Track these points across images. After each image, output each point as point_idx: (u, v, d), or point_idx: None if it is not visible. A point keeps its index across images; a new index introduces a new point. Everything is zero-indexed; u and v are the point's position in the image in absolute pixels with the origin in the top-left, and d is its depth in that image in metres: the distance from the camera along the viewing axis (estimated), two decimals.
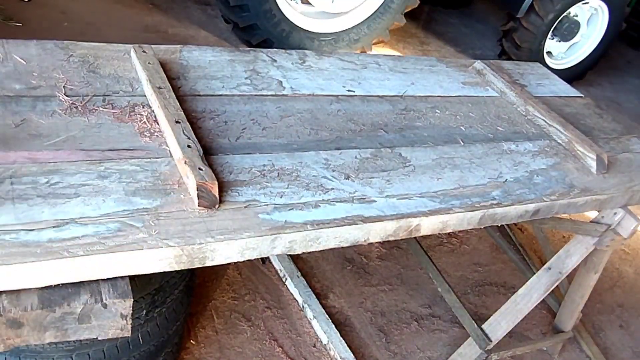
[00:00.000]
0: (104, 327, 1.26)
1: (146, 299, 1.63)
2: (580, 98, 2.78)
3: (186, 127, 1.56)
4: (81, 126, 1.51)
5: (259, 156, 1.63)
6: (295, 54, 2.22)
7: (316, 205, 1.52)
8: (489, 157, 2.02)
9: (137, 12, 4.36)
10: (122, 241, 1.23)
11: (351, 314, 2.68)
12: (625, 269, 3.64)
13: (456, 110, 2.24)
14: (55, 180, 1.33)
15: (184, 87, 1.81)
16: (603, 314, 3.23)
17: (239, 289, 2.59)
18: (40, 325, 1.19)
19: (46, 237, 1.18)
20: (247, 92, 1.90)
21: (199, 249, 1.30)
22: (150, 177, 1.42)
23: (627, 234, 2.31)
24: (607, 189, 2.10)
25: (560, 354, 2.86)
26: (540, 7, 4.97)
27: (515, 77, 2.67)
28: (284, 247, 1.43)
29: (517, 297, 2.38)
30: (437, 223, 1.67)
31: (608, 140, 2.45)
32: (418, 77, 2.38)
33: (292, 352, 2.42)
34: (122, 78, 1.74)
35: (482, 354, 2.37)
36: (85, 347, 1.58)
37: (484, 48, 5.96)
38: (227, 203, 1.43)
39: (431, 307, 2.85)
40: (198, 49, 2.02)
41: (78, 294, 1.22)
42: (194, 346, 2.28)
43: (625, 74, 6.66)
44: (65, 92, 1.60)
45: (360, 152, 1.80)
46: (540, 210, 1.90)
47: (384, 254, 3.07)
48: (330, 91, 2.07)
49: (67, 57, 1.73)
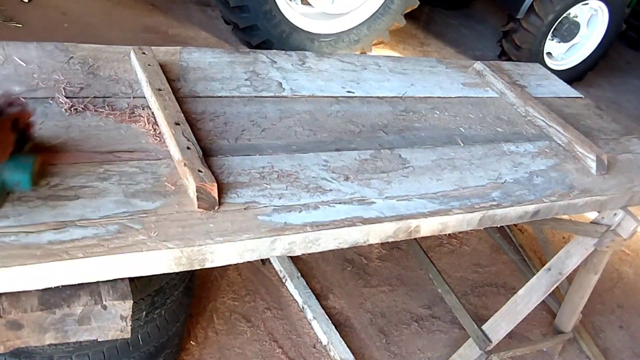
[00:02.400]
0: (104, 328, 1.26)
1: (146, 300, 1.63)
2: (580, 99, 2.78)
3: (186, 129, 1.56)
4: (81, 128, 1.51)
5: (259, 158, 1.63)
6: (295, 56, 2.22)
7: (316, 207, 1.52)
8: (488, 158, 2.02)
9: (137, 13, 4.36)
10: (122, 243, 1.23)
11: (351, 315, 2.68)
12: (625, 269, 3.63)
13: (456, 111, 2.24)
14: (55, 182, 1.33)
15: (184, 88, 1.81)
16: (603, 314, 3.22)
17: (239, 290, 2.59)
18: (40, 326, 1.20)
19: (46, 239, 1.19)
20: (246, 93, 1.90)
21: (198, 251, 1.30)
22: (149, 179, 1.43)
23: (627, 234, 2.31)
24: (607, 190, 2.10)
25: (560, 355, 2.85)
26: (540, 8, 4.97)
27: (515, 78, 2.67)
28: (283, 249, 1.43)
29: (517, 298, 2.38)
30: (437, 224, 1.67)
31: (608, 141, 2.45)
32: (418, 78, 2.38)
33: (292, 353, 2.42)
34: (122, 80, 1.74)
35: (482, 355, 2.37)
36: (85, 349, 1.58)
37: (484, 49, 5.96)
38: (226, 205, 1.43)
39: (431, 308, 2.85)
40: (198, 50, 2.03)
41: (78, 296, 1.22)
42: (194, 347, 2.28)
43: (625, 74, 6.66)
44: (65, 93, 1.60)
45: (359, 153, 1.80)
46: (540, 211, 1.90)
47: (384, 255, 3.07)
48: (330, 92, 2.07)
49: (67, 59, 1.73)
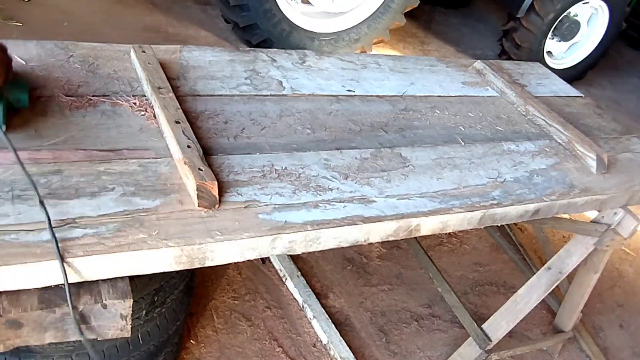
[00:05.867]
0: (104, 327, 1.26)
1: (146, 299, 1.63)
2: (580, 98, 2.78)
3: (186, 128, 1.56)
4: (81, 126, 1.51)
5: (259, 156, 1.63)
6: (295, 54, 2.22)
7: (316, 206, 1.52)
8: (489, 157, 2.01)
9: (137, 11, 4.36)
10: (122, 242, 1.23)
11: (351, 314, 2.68)
12: (625, 269, 3.63)
13: (456, 110, 2.24)
14: (55, 180, 1.33)
15: (184, 87, 1.81)
16: (603, 313, 3.23)
17: (239, 289, 2.59)
18: (40, 325, 1.19)
19: (46, 238, 1.18)
20: (247, 92, 1.90)
21: (198, 250, 1.30)
22: (150, 177, 1.42)
23: (627, 233, 2.31)
24: (607, 189, 2.10)
25: (560, 354, 2.86)
26: (541, 6, 4.97)
27: (515, 77, 2.66)
28: (283, 248, 1.43)
29: (517, 297, 2.38)
30: (437, 223, 1.67)
31: (608, 140, 2.44)
32: (418, 77, 2.38)
33: (292, 352, 2.42)
34: (122, 78, 1.74)
35: (482, 354, 2.37)
36: (85, 348, 1.57)
37: (484, 48, 5.96)
38: (226, 203, 1.43)
39: (431, 307, 2.85)
40: (198, 49, 2.02)
41: (78, 295, 1.22)
42: (194, 346, 2.28)
43: (625, 73, 6.66)
44: (65, 92, 1.60)
45: (360, 152, 1.80)
46: (540, 210, 1.90)
47: (384, 253, 3.07)
48: (330, 91, 2.07)
49: (67, 57, 1.73)
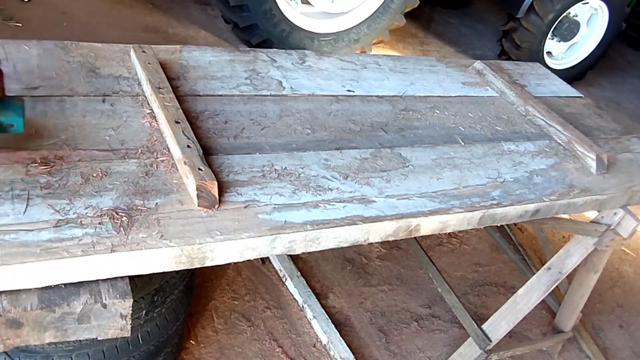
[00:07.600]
0: (104, 327, 1.26)
1: (146, 299, 1.63)
2: (580, 98, 2.78)
3: (186, 127, 1.56)
4: (81, 126, 1.51)
5: (259, 156, 1.63)
6: (295, 54, 2.22)
7: (316, 206, 1.52)
8: (488, 157, 2.01)
9: (137, 12, 4.36)
10: (122, 241, 1.23)
11: (351, 314, 2.68)
12: (625, 269, 3.63)
13: (456, 110, 2.24)
14: (54, 180, 1.33)
15: (184, 87, 1.81)
16: (603, 314, 3.23)
17: (238, 289, 2.59)
18: (40, 325, 1.19)
19: (46, 237, 1.18)
20: (246, 92, 1.90)
21: (198, 249, 1.30)
22: (149, 177, 1.42)
23: (627, 234, 2.31)
24: (607, 189, 2.10)
25: (560, 354, 2.86)
26: (540, 7, 4.97)
27: (515, 77, 2.67)
28: (283, 248, 1.43)
29: (517, 297, 2.38)
30: (437, 223, 1.67)
31: (608, 141, 2.44)
32: (418, 77, 2.38)
33: (292, 352, 2.42)
34: (122, 78, 1.74)
35: (482, 354, 2.37)
36: (85, 347, 1.58)
37: (484, 48, 5.96)
38: (226, 203, 1.43)
39: (431, 307, 2.85)
40: (198, 49, 2.02)
41: (78, 294, 1.22)
42: (194, 346, 2.28)
43: (625, 74, 6.66)
44: (65, 92, 1.60)
45: (360, 152, 1.80)
46: (540, 211, 1.90)
47: (384, 254, 3.07)
48: (330, 91, 2.07)
49: (67, 57, 1.73)
